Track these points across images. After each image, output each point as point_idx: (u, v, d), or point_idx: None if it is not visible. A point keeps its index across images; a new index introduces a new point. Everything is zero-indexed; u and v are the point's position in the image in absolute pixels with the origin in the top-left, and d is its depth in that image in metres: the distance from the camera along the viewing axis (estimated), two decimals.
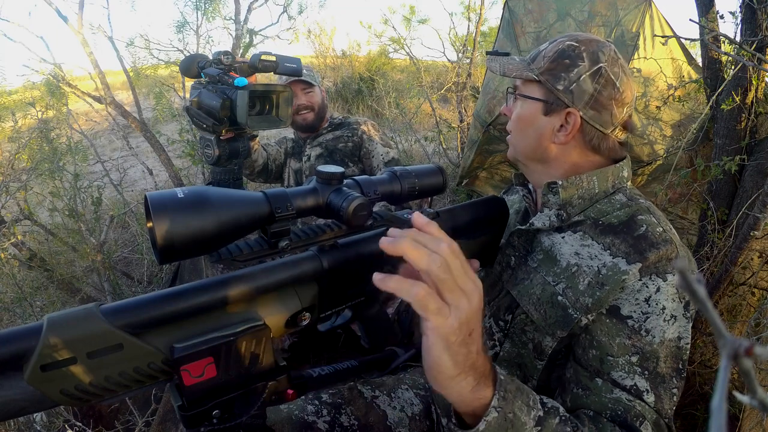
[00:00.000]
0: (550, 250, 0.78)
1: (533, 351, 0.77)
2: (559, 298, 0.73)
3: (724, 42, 1.70)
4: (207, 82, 1.01)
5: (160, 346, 0.44)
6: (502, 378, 0.55)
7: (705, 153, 1.93)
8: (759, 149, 1.68)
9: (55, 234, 2.68)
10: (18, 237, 2.35)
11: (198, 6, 3.41)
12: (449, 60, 4.79)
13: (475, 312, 0.49)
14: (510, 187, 1.05)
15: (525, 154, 0.84)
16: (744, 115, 1.66)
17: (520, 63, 0.83)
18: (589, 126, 0.77)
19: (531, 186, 0.91)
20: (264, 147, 1.98)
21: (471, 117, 3.27)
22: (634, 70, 2.06)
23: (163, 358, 0.44)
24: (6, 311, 2.19)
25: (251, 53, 2.92)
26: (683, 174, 1.74)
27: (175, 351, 0.44)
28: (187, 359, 0.44)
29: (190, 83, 1.17)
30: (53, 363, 0.38)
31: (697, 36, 1.68)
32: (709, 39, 1.50)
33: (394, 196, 0.62)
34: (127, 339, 0.41)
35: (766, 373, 1.32)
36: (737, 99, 1.61)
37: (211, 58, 1.02)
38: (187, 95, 1.21)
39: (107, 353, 0.41)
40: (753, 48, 1.50)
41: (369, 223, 0.55)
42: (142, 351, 0.42)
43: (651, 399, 0.66)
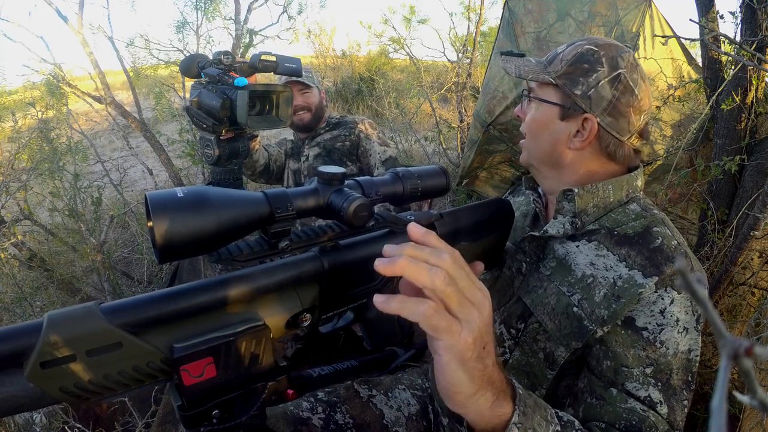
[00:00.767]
0: (564, 258, 0.78)
1: (544, 360, 0.76)
2: (575, 309, 0.73)
3: (724, 42, 1.70)
4: (207, 82, 1.01)
5: (159, 345, 0.44)
6: (521, 392, 0.52)
7: (705, 153, 1.93)
8: (759, 149, 1.68)
9: (55, 234, 2.68)
10: (18, 237, 2.35)
11: (198, 6, 3.41)
12: (449, 60, 4.79)
13: (487, 323, 0.46)
14: (515, 188, 1.04)
15: (539, 158, 0.83)
16: (744, 115, 1.66)
17: (536, 65, 0.81)
18: (606, 133, 0.76)
19: (541, 190, 0.90)
20: (265, 148, 1.98)
21: (471, 117, 3.26)
22: None
23: (163, 357, 0.44)
24: (6, 311, 2.19)
25: (251, 53, 2.92)
26: (683, 174, 1.74)
27: (175, 351, 0.43)
28: (187, 359, 0.44)
29: (190, 83, 1.16)
30: (53, 360, 0.38)
31: (697, 36, 1.68)
32: (709, 39, 1.50)
33: (396, 197, 0.62)
34: (127, 338, 0.41)
35: (766, 373, 1.32)
36: (737, 99, 1.61)
37: (211, 58, 1.02)
38: (187, 95, 1.21)
39: (106, 351, 0.41)
40: (753, 48, 1.50)
41: (370, 224, 0.54)
42: (141, 350, 0.42)
43: (664, 410, 0.66)
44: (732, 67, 1.63)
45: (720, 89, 1.64)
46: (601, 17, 2.16)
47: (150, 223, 0.43)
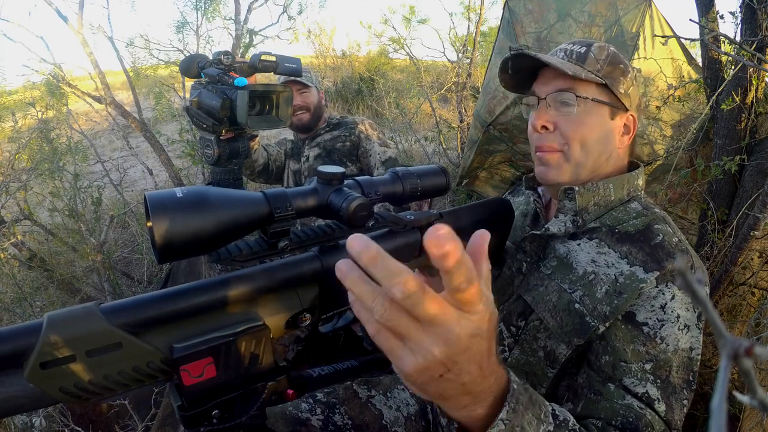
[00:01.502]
0: (565, 257, 0.78)
1: (545, 359, 0.76)
2: (576, 305, 0.73)
3: (724, 42, 1.70)
4: (207, 82, 1.01)
5: (159, 345, 0.44)
6: (515, 387, 0.49)
7: (705, 153, 1.92)
8: (759, 149, 1.68)
9: (55, 234, 2.68)
10: (18, 237, 2.35)
11: (198, 6, 3.41)
12: (449, 60, 4.79)
13: (456, 351, 0.38)
14: (515, 188, 1.04)
15: (591, 166, 0.77)
16: (744, 115, 1.66)
17: (570, 64, 0.76)
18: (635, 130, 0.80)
19: (541, 190, 0.90)
20: (265, 147, 1.98)
21: (471, 117, 3.27)
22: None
23: (162, 357, 0.44)
24: (6, 311, 2.19)
25: (251, 53, 2.92)
26: (683, 174, 1.74)
27: (175, 351, 0.43)
28: (187, 359, 0.44)
29: (190, 83, 1.16)
30: (53, 360, 0.38)
31: (697, 36, 1.68)
32: (709, 39, 1.50)
33: (395, 196, 0.62)
34: (126, 338, 0.41)
35: (766, 373, 1.32)
36: (737, 99, 1.61)
37: (211, 58, 1.02)
38: (187, 95, 1.21)
39: (106, 352, 0.41)
40: (753, 48, 1.50)
41: (370, 224, 0.54)
42: (141, 350, 0.42)
43: (662, 408, 0.65)
44: (732, 67, 1.63)
45: (720, 89, 1.64)
46: (602, 17, 2.16)
47: (149, 223, 0.43)
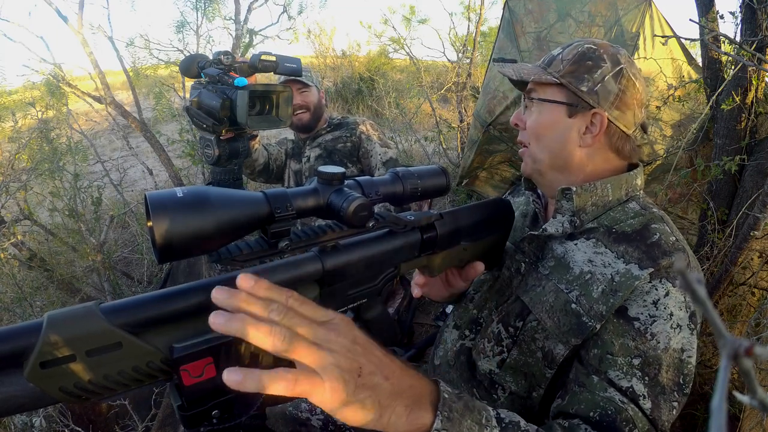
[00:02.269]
0: (562, 257, 0.78)
1: (543, 360, 0.76)
2: (573, 305, 0.73)
3: (724, 42, 1.70)
4: (207, 82, 1.01)
5: (159, 345, 0.44)
6: (446, 396, 0.50)
7: (705, 153, 1.93)
8: (759, 149, 1.68)
9: (55, 234, 2.68)
10: (18, 237, 2.35)
11: (198, 6, 3.41)
12: (449, 60, 4.79)
13: (348, 350, 0.43)
14: (515, 189, 1.04)
15: (547, 162, 0.81)
16: (744, 115, 1.66)
17: (534, 68, 0.82)
18: (614, 127, 0.78)
19: (540, 191, 0.90)
20: (265, 147, 1.98)
21: (471, 117, 3.27)
22: None
23: (162, 357, 0.44)
24: (6, 311, 2.20)
25: (251, 53, 2.92)
26: (683, 174, 1.74)
27: (175, 351, 0.43)
28: (187, 359, 0.44)
29: (190, 83, 1.16)
30: (53, 360, 0.38)
31: (697, 36, 1.68)
32: (709, 39, 1.50)
33: (396, 197, 0.62)
34: (126, 338, 0.41)
35: (766, 373, 1.32)
36: (737, 99, 1.62)
37: (211, 58, 1.02)
38: (187, 95, 1.21)
39: (106, 352, 0.41)
40: (753, 48, 1.50)
41: (370, 224, 0.54)
42: (141, 350, 0.42)
43: (647, 406, 0.64)
44: (732, 67, 1.63)
45: (720, 89, 1.64)
46: (602, 17, 2.17)
47: (150, 223, 0.43)
